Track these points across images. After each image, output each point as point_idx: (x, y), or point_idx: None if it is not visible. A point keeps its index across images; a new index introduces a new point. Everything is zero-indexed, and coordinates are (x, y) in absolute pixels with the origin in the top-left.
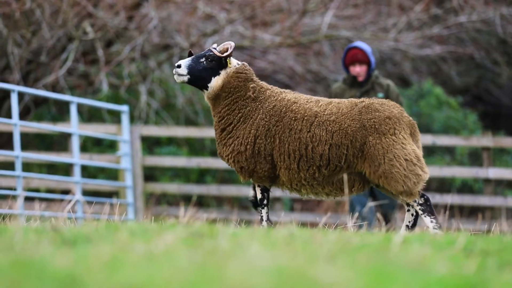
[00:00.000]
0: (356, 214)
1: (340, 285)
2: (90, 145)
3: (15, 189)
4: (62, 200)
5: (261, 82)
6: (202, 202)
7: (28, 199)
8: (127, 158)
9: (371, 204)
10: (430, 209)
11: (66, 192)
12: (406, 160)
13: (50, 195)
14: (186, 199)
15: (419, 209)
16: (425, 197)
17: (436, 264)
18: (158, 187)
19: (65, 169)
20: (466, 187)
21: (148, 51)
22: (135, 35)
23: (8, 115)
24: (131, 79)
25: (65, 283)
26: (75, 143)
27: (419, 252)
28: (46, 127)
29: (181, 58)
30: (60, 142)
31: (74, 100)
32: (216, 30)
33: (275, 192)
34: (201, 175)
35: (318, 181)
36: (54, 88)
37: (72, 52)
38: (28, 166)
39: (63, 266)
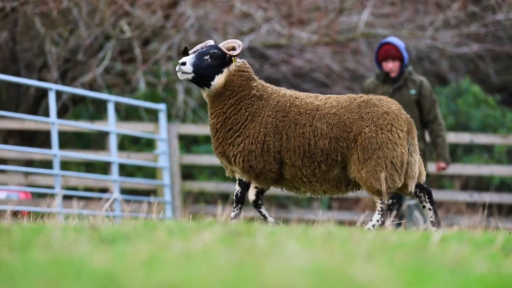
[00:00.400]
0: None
1: (378, 284)
2: (127, 143)
3: (53, 188)
4: (100, 199)
5: (260, 80)
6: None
7: (66, 197)
8: (165, 157)
9: (409, 202)
10: (386, 212)
11: (104, 190)
12: (391, 162)
13: (88, 193)
14: (224, 197)
15: (380, 206)
16: (393, 200)
17: (475, 262)
18: (195, 186)
19: (103, 168)
20: (504, 185)
21: None
22: (172, 34)
23: (46, 114)
24: (168, 78)
25: (103, 282)
26: (113, 142)
27: (457, 251)
28: (84, 125)
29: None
30: (98, 141)
31: (112, 99)
32: (253, 28)
33: None
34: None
35: (316, 178)
36: (91, 86)
37: (109, 51)
38: (66, 165)
39: (101, 265)
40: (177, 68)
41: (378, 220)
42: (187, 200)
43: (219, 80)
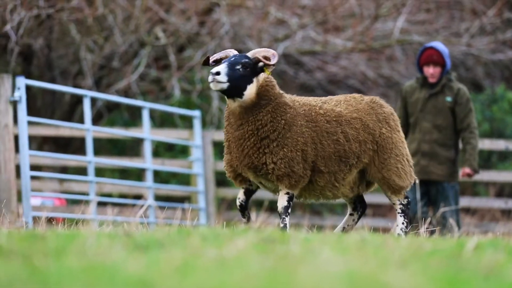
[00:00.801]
0: (429, 220)
1: None
2: (162, 150)
3: (87, 194)
4: (134, 205)
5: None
6: (273, 207)
7: (100, 204)
8: (199, 163)
9: (444, 209)
10: (408, 212)
11: (138, 197)
12: (407, 160)
13: (123, 200)
14: (258, 204)
15: (400, 208)
16: (409, 199)
17: (510, 270)
18: (230, 192)
19: (137, 174)
20: None
21: None
22: (207, 41)
23: (81, 121)
24: (203, 85)
25: None
26: (147, 148)
27: (492, 258)
28: (118, 132)
29: None
30: (132, 147)
31: (146, 105)
32: (288, 35)
33: None
34: None
35: (344, 182)
36: (126, 93)
37: (144, 58)
38: (100, 171)
39: (135, 271)
40: (210, 78)
41: (403, 223)
42: (221, 206)
43: (251, 90)
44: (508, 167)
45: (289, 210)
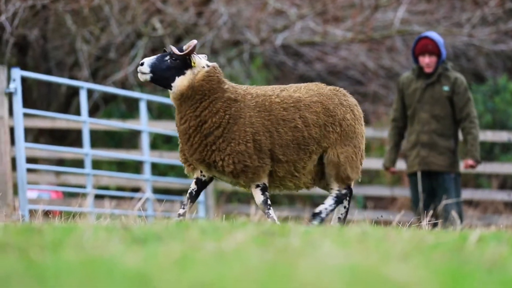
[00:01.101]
0: (431, 212)
1: (413, 285)
2: (160, 142)
3: (84, 187)
4: (132, 198)
5: (229, 82)
6: (273, 200)
7: (98, 197)
8: None
9: (446, 201)
10: (340, 201)
11: (136, 190)
12: (361, 154)
13: (120, 193)
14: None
15: (336, 193)
16: (350, 191)
17: None
18: (229, 185)
19: (135, 167)
20: None
21: (218, 47)
22: (205, 31)
23: (77, 112)
24: None
25: (135, 282)
26: (145, 141)
27: (495, 251)
28: (115, 124)
29: (252, 54)
30: (129, 140)
31: (144, 97)
32: (287, 25)
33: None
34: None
35: (304, 171)
36: (123, 85)
37: (141, 49)
38: (97, 164)
39: (133, 265)
40: (137, 69)
41: (330, 205)
42: (220, 199)
43: (181, 82)
44: (511, 158)
45: (269, 202)
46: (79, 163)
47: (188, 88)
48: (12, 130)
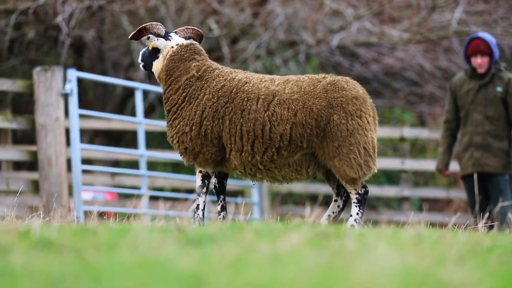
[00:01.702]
0: (487, 215)
1: None
2: None
3: (139, 188)
4: (186, 199)
5: (210, 61)
6: (328, 202)
7: (152, 198)
8: None
9: (502, 204)
10: (364, 202)
11: (191, 191)
12: (364, 148)
13: (175, 194)
14: (312, 198)
15: (356, 198)
16: (366, 189)
17: None
18: (284, 186)
19: (190, 168)
20: None
21: (274, 48)
22: (261, 32)
23: (133, 113)
24: None
25: (190, 283)
26: None
27: None
28: None
29: (308, 55)
30: None
31: None
32: (343, 26)
33: (403, 192)
34: None
35: (276, 164)
36: None
37: None
38: (152, 165)
39: (188, 266)
40: None
41: (358, 213)
42: (275, 201)
43: (156, 66)
44: None
45: (204, 190)
46: (134, 164)
47: (162, 71)
48: (67, 131)
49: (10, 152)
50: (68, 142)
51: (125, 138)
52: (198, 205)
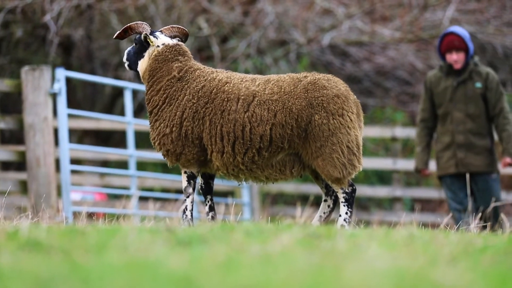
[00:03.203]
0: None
1: None
2: None
3: (129, 189)
4: (176, 200)
5: (193, 62)
6: (319, 202)
7: (142, 198)
8: None
9: (495, 204)
10: (352, 201)
11: (181, 191)
12: (347, 147)
13: (165, 194)
14: (303, 198)
15: (343, 197)
16: (354, 187)
17: None
18: (274, 187)
19: (179, 168)
20: None
21: (265, 47)
22: (251, 31)
23: (122, 113)
24: None
25: (180, 284)
26: None
27: None
28: None
29: (298, 54)
30: None
31: None
32: (334, 25)
33: (395, 192)
34: None
35: (257, 165)
36: None
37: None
38: (142, 165)
39: (178, 267)
40: None
41: (346, 213)
42: (265, 201)
43: (141, 65)
44: None
45: (190, 191)
46: (123, 164)
47: (146, 70)
48: (56, 131)
49: None
50: (56, 142)
51: (114, 138)
52: (186, 206)
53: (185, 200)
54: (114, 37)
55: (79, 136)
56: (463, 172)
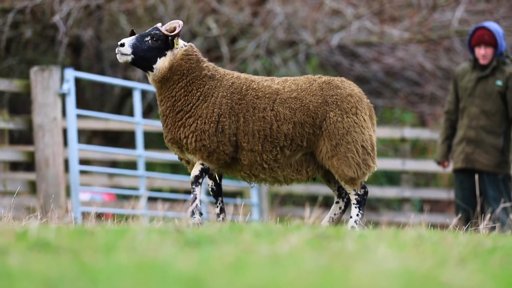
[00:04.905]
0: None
1: None
2: None
3: (138, 189)
4: (185, 200)
5: (209, 62)
6: (328, 203)
7: (151, 199)
8: None
9: (504, 204)
10: (364, 202)
11: (189, 192)
12: (362, 146)
13: (174, 195)
14: (312, 199)
15: (355, 199)
16: (366, 189)
17: None
18: (283, 187)
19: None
20: None
21: (274, 48)
22: (260, 31)
23: (131, 114)
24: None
25: (188, 285)
26: None
27: None
28: None
29: (307, 55)
30: None
31: None
32: (343, 25)
33: (404, 192)
34: None
35: (279, 164)
36: None
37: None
38: (151, 166)
39: (186, 268)
40: (116, 50)
41: (358, 214)
42: (274, 202)
43: (162, 63)
44: None
45: (200, 181)
46: (132, 165)
47: (168, 69)
48: (65, 132)
49: (7, 152)
50: (65, 143)
51: (123, 139)
52: (195, 195)
53: (193, 190)
54: (174, 34)
55: (88, 136)
56: (469, 168)
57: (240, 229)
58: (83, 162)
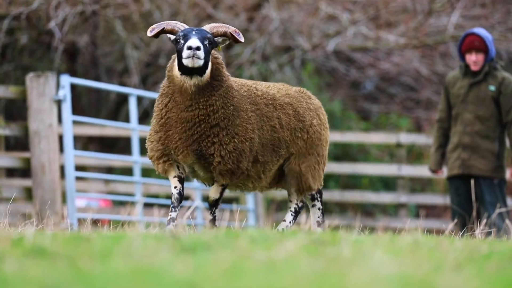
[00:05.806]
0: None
1: None
2: None
3: (134, 195)
4: (181, 207)
5: None
6: (324, 208)
7: (147, 205)
8: None
9: (500, 210)
10: (298, 215)
11: (185, 198)
12: (324, 163)
13: (170, 201)
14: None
15: (294, 208)
16: (303, 204)
17: None
18: (279, 193)
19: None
20: None
21: (269, 53)
22: (256, 37)
23: (127, 120)
24: None
25: None
26: None
27: None
28: None
29: (303, 60)
30: None
31: None
32: (339, 31)
33: (400, 198)
34: (324, 181)
35: (270, 171)
36: None
37: None
38: (147, 172)
39: (182, 274)
40: (189, 53)
41: (290, 222)
42: (270, 208)
43: (210, 68)
44: None
45: (220, 203)
46: (128, 171)
47: (210, 75)
48: (61, 138)
49: (2, 159)
50: (61, 149)
51: (119, 145)
52: (215, 217)
53: (214, 211)
54: (242, 41)
55: (84, 142)
56: (466, 174)
57: (236, 235)
58: (79, 168)
